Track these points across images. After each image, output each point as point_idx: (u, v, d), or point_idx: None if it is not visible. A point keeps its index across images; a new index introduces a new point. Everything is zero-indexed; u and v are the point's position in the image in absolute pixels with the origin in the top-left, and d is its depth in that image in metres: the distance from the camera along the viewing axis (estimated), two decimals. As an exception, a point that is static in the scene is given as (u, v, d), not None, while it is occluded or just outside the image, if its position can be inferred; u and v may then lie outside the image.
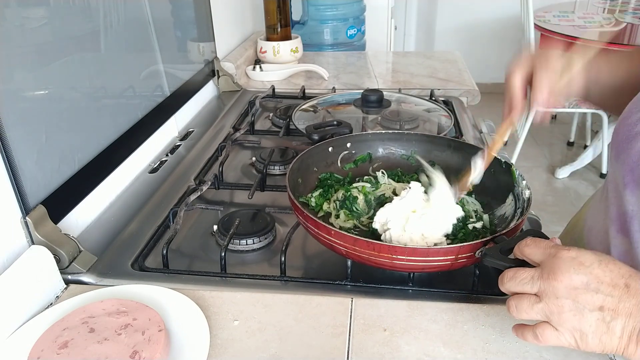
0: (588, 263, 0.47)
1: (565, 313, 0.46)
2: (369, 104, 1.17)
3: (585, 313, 0.46)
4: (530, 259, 0.52)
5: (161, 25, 1.07)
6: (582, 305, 0.46)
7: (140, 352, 0.52)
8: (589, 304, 0.46)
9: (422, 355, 0.56)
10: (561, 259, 0.48)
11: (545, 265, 0.49)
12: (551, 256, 0.49)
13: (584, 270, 0.47)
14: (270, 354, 0.57)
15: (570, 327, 0.47)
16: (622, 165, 0.62)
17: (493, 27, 3.97)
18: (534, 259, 0.51)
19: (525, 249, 0.53)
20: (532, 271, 0.50)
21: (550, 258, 0.49)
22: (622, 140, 0.61)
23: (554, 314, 0.47)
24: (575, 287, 0.46)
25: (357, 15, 2.08)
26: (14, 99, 0.66)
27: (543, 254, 0.50)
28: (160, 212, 0.86)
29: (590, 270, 0.47)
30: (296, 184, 0.77)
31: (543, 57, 0.66)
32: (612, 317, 0.45)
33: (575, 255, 0.48)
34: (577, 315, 0.46)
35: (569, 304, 0.46)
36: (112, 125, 0.89)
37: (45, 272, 0.65)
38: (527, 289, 0.49)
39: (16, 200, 0.67)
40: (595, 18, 2.93)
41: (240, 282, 0.70)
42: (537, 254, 0.51)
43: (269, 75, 1.55)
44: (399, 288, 0.68)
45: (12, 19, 0.67)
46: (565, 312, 0.46)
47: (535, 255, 0.51)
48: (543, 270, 0.49)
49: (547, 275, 0.48)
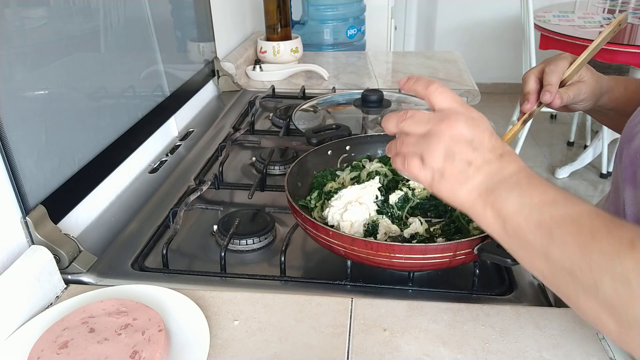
0: (482, 128, 0.49)
1: (438, 153, 0.49)
2: (369, 104, 1.17)
3: (455, 160, 0.48)
4: (436, 104, 0.52)
5: (161, 25, 1.07)
6: (456, 153, 0.48)
7: (140, 352, 0.52)
8: (461, 155, 0.48)
9: (422, 355, 0.56)
10: (463, 114, 0.50)
11: (445, 112, 0.50)
12: (456, 107, 0.51)
13: (475, 130, 0.49)
14: (270, 354, 0.57)
15: (434, 166, 0.49)
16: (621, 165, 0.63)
17: (493, 27, 3.97)
18: (442, 105, 0.51)
19: (435, 93, 0.51)
20: (431, 114, 0.51)
21: (455, 108, 0.50)
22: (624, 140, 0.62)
23: (428, 151, 0.49)
24: (458, 138, 0.48)
25: (357, 15, 2.08)
26: (14, 99, 0.66)
27: (451, 103, 0.51)
28: (160, 212, 0.86)
29: (480, 133, 0.49)
30: (295, 187, 0.77)
31: (552, 57, 0.72)
32: (474, 173, 0.48)
33: (477, 117, 0.50)
34: (446, 159, 0.48)
35: (445, 147, 0.48)
36: (112, 125, 0.89)
37: (45, 272, 0.65)
38: (419, 129, 0.51)
39: (16, 200, 0.67)
40: (595, 18, 2.93)
41: (240, 282, 0.70)
42: (446, 100, 0.51)
43: (269, 75, 1.55)
44: (399, 288, 0.68)
45: (12, 19, 0.67)
46: (438, 152, 0.49)
47: (444, 102, 0.51)
48: (441, 115, 0.50)
49: (441, 120, 0.49)
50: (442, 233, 0.71)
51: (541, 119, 3.60)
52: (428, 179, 0.50)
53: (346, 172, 0.83)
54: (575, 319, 0.60)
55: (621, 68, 2.87)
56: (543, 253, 0.43)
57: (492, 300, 0.66)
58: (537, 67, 0.72)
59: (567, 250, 0.41)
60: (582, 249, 0.40)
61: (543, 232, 0.43)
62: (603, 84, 0.73)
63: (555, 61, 0.71)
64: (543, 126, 3.59)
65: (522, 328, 0.59)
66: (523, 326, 0.60)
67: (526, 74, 0.73)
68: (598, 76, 0.73)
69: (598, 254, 0.39)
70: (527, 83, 0.71)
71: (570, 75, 0.70)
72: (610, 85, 0.74)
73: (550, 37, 2.72)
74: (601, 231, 0.40)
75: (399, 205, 0.74)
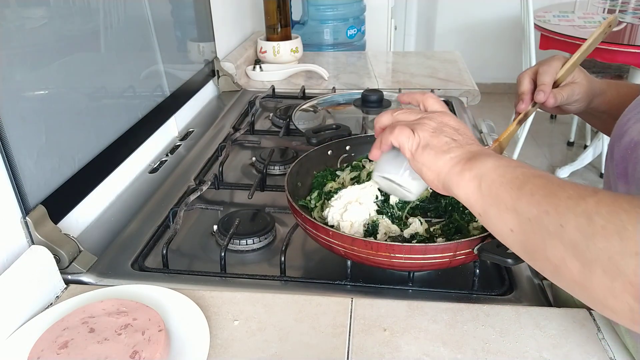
0: (466, 127, 0.57)
1: (428, 127, 0.55)
2: (369, 104, 1.17)
3: (441, 136, 0.54)
4: (429, 106, 0.60)
5: (161, 25, 1.07)
6: (443, 131, 0.55)
7: (140, 352, 0.52)
8: (448, 134, 0.55)
9: (422, 355, 0.56)
10: (451, 114, 0.58)
11: (437, 111, 0.59)
12: (447, 110, 0.59)
13: (461, 125, 0.57)
14: (270, 354, 0.57)
15: (422, 136, 0.55)
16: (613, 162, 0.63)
17: (493, 28, 3.97)
18: (434, 107, 0.60)
19: (430, 99, 0.60)
20: (424, 112, 0.59)
21: (446, 110, 0.59)
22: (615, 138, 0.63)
23: (419, 125, 0.56)
24: (447, 123, 0.56)
25: (357, 15, 2.08)
26: (14, 99, 0.66)
27: (443, 107, 0.60)
28: (160, 212, 0.86)
29: (464, 128, 0.56)
30: (295, 187, 0.77)
31: (546, 58, 0.74)
32: (456, 147, 0.53)
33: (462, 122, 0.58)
34: (434, 134, 0.55)
35: (435, 126, 0.55)
36: (112, 125, 0.89)
37: (45, 272, 0.65)
38: (412, 117, 0.58)
39: (16, 200, 0.67)
40: (595, 18, 2.93)
41: (240, 282, 0.70)
42: (438, 104, 0.60)
43: (269, 75, 1.55)
44: (399, 288, 0.68)
45: (12, 19, 0.67)
46: (428, 127, 0.55)
47: (436, 105, 0.60)
48: (433, 111, 0.59)
49: (433, 112, 0.58)
50: (442, 233, 0.71)
51: (541, 119, 3.60)
52: (413, 147, 0.55)
53: (346, 172, 0.83)
54: (575, 319, 0.60)
55: (621, 68, 2.87)
56: (512, 206, 0.45)
57: (492, 300, 0.66)
58: (532, 68, 0.74)
59: (534, 199, 0.44)
60: (548, 196, 0.43)
61: (514, 187, 0.46)
62: (595, 86, 0.74)
63: (549, 62, 0.72)
64: (543, 126, 3.59)
65: (522, 328, 0.59)
66: (523, 326, 0.60)
67: (521, 75, 0.74)
68: (591, 78, 0.74)
69: (564, 198, 0.41)
70: (521, 84, 0.73)
71: (563, 75, 0.71)
72: (603, 88, 0.75)
73: (550, 37, 2.72)
74: (567, 184, 0.43)
75: (399, 206, 0.74)
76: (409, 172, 0.61)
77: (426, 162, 0.54)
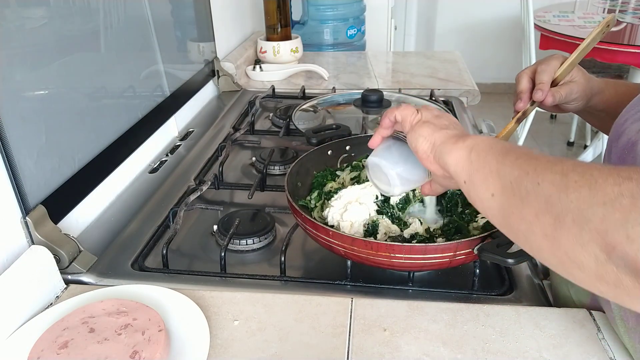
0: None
1: (430, 112, 0.60)
2: (369, 104, 1.17)
3: (441, 119, 0.58)
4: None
5: (161, 25, 1.07)
6: (443, 117, 0.59)
7: (140, 352, 0.52)
8: (447, 120, 0.59)
9: (422, 355, 0.56)
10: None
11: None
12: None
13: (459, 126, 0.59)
14: (270, 354, 0.57)
15: (424, 116, 0.59)
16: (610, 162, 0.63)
17: (493, 28, 3.97)
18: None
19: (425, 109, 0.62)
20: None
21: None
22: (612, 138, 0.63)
23: (422, 108, 0.60)
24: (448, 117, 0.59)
25: (357, 15, 2.08)
26: (14, 99, 0.66)
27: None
28: (160, 212, 0.86)
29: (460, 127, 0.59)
30: (295, 187, 0.77)
31: (544, 57, 0.74)
32: (454, 128, 0.57)
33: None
34: (435, 117, 0.59)
35: (437, 113, 0.60)
36: (112, 125, 0.89)
37: (45, 272, 0.65)
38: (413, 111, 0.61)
39: (16, 200, 0.67)
40: (595, 18, 2.93)
41: (240, 282, 0.70)
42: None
43: (269, 75, 1.55)
44: (399, 288, 0.68)
45: (12, 19, 0.67)
46: (430, 112, 0.60)
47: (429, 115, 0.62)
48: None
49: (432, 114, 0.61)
50: (442, 233, 0.71)
51: (541, 119, 3.60)
52: (414, 120, 0.59)
53: (346, 172, 0.83)
54: (575, 319, 0.60)
55: (621, 68, 2.87)
56: (496, 170, 0.48)
57: (492, 300, 0.66)
58: (530, 67, 0.74)
59: (517, 162, 0.46)
60: (531, 159, 0.46)
61: (501, 153, 0.49)
62: (594, 85, 0.75)
63: (547, 61, 0.73)
64: (543, 126, 3.59)
65: (522, 328, 0.59)
66: (523, 326, 0.60)
67: (519, 74, 0.75)
68: (589, 77, 0.75)
69: (544, 161, 0.44)
70: (520, 82, 0.74)
71: (562, 74, 0.72)
72: (601, 87, 0.76)
73: (550, 37, 2.72)
74: (550, 156, 0.46)
75: (399, 207, 0.74)
76: (402, 169, 0.62)
77: (423, 133, 0.57)
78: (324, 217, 0.73)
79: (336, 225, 0.70)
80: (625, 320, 0.55)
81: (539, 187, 0.43)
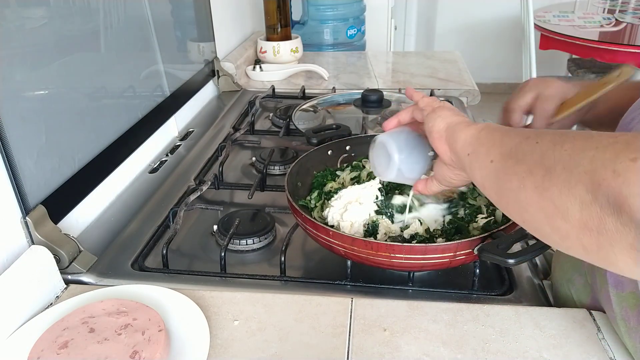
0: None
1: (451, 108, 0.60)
2: (369, 104, 1.17)
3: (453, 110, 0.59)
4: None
5: (161, 25, 1.07)
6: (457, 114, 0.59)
7: (140, 352, 0.52)
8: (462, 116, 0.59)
9: (422, 355, 0.56)
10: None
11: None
12: None
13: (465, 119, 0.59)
14: (270, 354, 0.57)
15: (446, 106, 0.60)
16: None
17: (493, 27, 3.96)
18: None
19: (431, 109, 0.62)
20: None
21: None
22: None
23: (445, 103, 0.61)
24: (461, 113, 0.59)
25: (357, 15, 2.08)
26: (14, 99, 0.66)
27: None
28: (160, 212, 0.86)
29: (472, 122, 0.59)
30: (295, 187, 0.77)
31: (542, 99, 0.71)
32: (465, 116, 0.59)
33: None
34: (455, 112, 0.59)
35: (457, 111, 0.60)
36: (112, 125, 0.89)
37: (45, 272, 0.65)
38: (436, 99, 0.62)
39: (16, 200, 0.67)
40: (595, 18, 2.93)
41: (240, 282, 0.70)
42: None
43: (269, 75, 1.55)
44: (399, 288, 0.68)
45: (12, 19, 0.67)
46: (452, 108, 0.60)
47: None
48: None
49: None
50: (442, 233, 0.71)
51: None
52: (436, 106, 0.60)
53: (346, 172, 0.83)
54: (575, 319, 0.60)
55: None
56: (500, 140, 0.50)
57: (492, 300, 0.66)
58: (525, 100, 0.72)
59: (522, 132, 0.48)
60: (534, 131, 0.47)
61: (507, 130, 0.51)
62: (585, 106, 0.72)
63: (545, 97, 0.70)
64: None
65: (522, 328, 0.59)
66: (523, 326, 0.60)
67: (511, 104, 0.73)
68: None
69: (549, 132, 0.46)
70: (511, 116, 0.73)
71: (558, 121, 0.70)
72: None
73: (550, 37, 2.72)
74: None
75: (398, 208, 0.73)
76: (405, 157, 0.63)
77: (442, 114, 0.58)
78: (324, 217, 0.73)
79: (336, 225, 0.70)
80: (627, 320, 0.55)
81: (537, 145, 0.44)
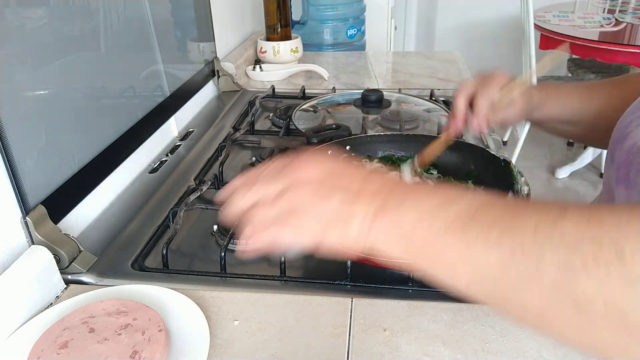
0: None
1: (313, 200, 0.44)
2: (369, 104, 1.17)
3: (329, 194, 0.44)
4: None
5: (161, 25, 1.07)
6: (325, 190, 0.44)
7: (140, 352, 0.52)
8: (337, 193, 0.44)
9: (422, 355, 0.56)
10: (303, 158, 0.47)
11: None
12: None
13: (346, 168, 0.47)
14: (270, 354, 0.57)
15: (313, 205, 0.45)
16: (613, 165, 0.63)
17: (493, 27, 3.96)
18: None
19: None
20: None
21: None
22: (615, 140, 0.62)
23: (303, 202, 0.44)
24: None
25: (357, 15, 2.08)
26: (14, 99, 0.66)
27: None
28: (160, 212, 0.86)
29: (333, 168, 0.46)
30: None
31: (485, 83, 0.75)
32: (353, 202, 0.43)
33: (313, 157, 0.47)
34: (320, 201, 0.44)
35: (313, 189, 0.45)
36: (112, 125, 0.89)
37: (45, 272, 0.65)
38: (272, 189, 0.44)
39: (16, 200, 0.67)
40: (595, 18, 2.93)
41: (240, 282, 0.70)
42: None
43: (269, 75, 1.55)
44: (399, 288, 0.68)
45: (12, 19, 0.67)
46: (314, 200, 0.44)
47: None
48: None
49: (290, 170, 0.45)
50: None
51: (541, 119, 3.59)
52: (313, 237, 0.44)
53: None
54: (575, 319, 0.60)
55: (621, 68, 2.87)
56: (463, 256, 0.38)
57: (492, 300, 0.66)
58: (469, 87, 0.76)
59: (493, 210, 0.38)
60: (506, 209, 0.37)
61: (458, 229, 0.39)
62: (533, 100, 0.75)
63: (488, 82, 0.74)
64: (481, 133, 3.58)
65: (522, 328, 0.59)
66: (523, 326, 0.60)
67: (457, 92, 0.77)
68: (529, 93, 0.75)
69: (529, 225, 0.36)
70: (456, 106, 0.76)
71: (501, 102, 0.73)
72: (541, 100, 0.75)
73: (550, 37, 2.72)
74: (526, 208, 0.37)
75: None
76: None
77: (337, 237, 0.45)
78: None
79: None
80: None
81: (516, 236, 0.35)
